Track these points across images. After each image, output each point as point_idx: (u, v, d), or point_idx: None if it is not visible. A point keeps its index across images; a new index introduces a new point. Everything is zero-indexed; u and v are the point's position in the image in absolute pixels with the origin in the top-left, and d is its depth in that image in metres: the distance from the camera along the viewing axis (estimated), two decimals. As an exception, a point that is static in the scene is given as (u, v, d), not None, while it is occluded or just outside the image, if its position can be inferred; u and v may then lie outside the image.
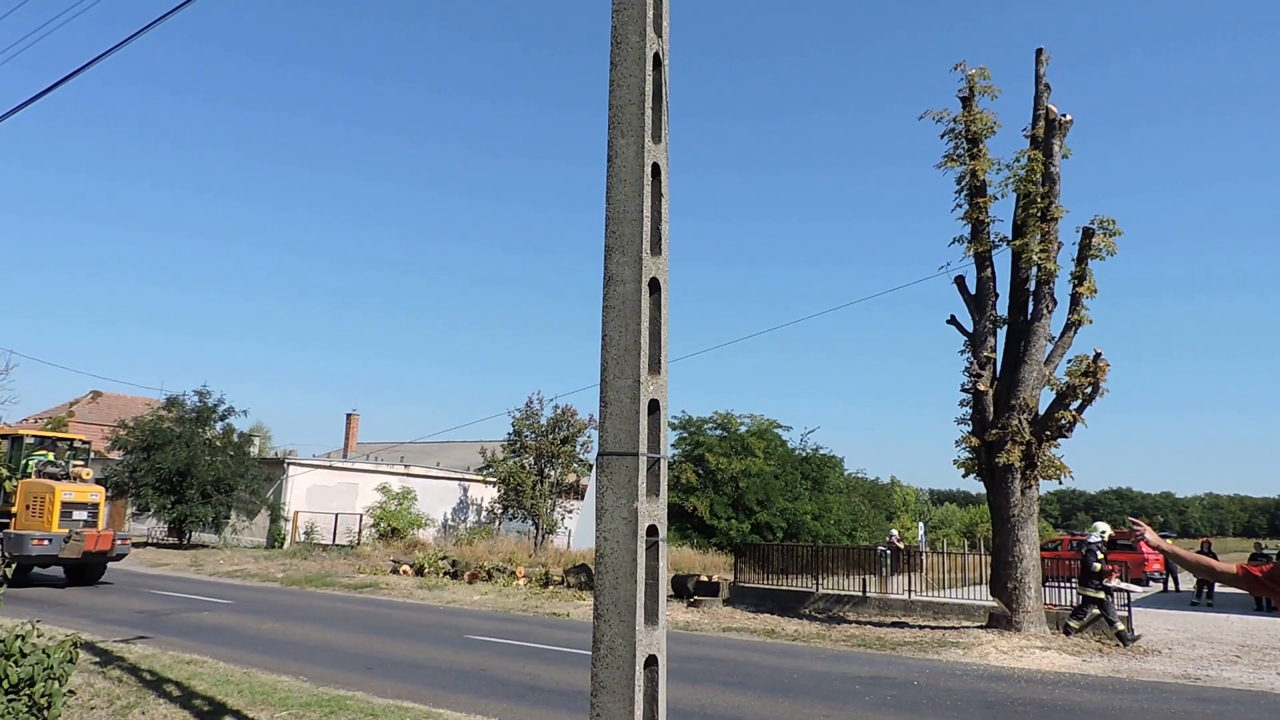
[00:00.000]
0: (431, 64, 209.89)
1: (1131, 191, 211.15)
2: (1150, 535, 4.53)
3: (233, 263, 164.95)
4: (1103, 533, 17.46)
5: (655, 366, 4.48)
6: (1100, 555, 16.61)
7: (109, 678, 9.95)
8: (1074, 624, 16.52)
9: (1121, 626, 16.08)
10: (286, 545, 36.20)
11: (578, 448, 38.39)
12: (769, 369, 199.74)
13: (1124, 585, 16.64)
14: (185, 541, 36.17)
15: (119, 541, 21.90)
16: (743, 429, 44.79)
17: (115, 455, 36.62)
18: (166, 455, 33.44)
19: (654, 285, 4.50)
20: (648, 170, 4.43)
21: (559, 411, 38.27)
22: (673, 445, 44.75)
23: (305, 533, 37.05)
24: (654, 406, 4.47)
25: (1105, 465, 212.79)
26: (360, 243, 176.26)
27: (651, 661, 4.40)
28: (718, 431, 44.91)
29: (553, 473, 38.09)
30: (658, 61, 4.62)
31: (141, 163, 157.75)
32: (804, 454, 46.65)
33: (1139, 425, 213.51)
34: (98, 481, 24.18)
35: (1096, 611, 16.32)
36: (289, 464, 38.97)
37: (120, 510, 42.55)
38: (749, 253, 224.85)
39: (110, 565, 23.08)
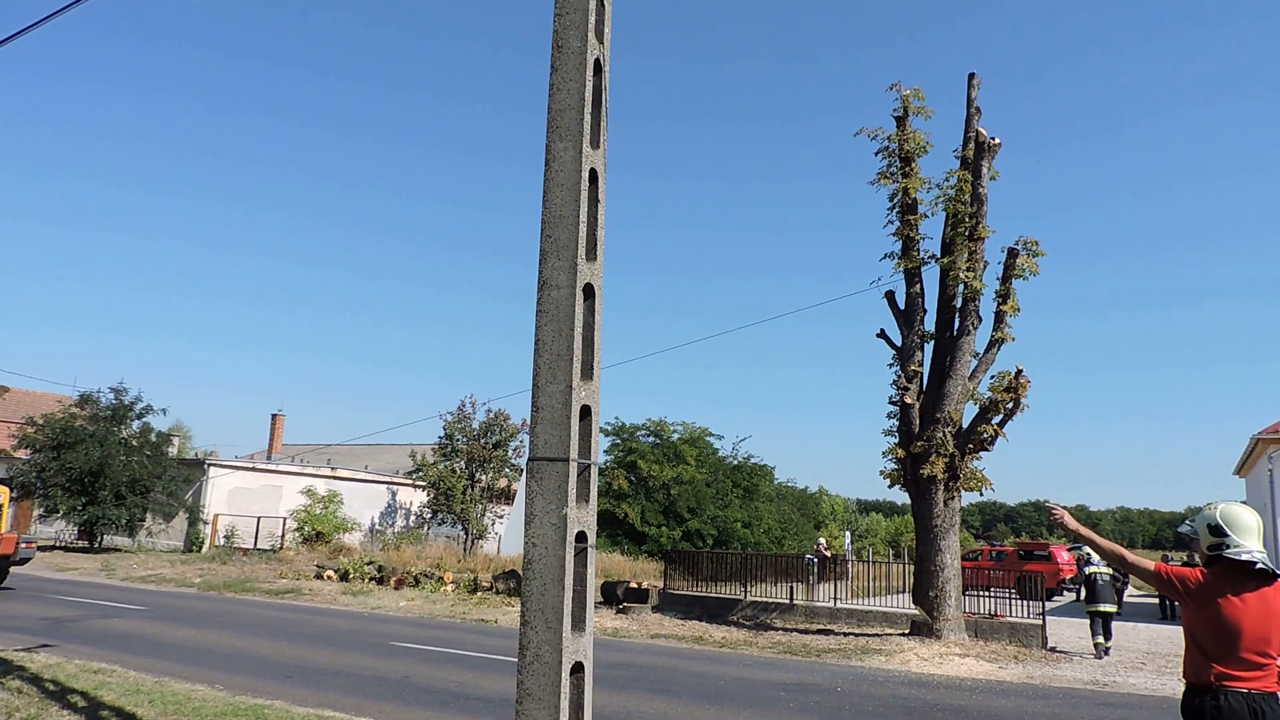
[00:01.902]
0: (369, 59, 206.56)
1: (1044, 209, 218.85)
2: (1069, 519, 4.70)
3: (153, 258, 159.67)
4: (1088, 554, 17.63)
5: (588, 372, 4.47)
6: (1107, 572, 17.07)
7: (8, 689, 9.51)
8: (1105, 641, 16.55)
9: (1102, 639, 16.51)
10: (205, 549, 35.09)
11: (510, 453, 38.13)
12: (702, 378, 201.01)
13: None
14: (97, 545, 34.76)
15: (23, 545, 20.96)
16: (675, 436, 45.02)
17: (23, 454, 35.03)
18: (78, 454, 32.07)
19: (588, 291, 4.50)
20: (585, 175, 4.43)
21: (491, 416, 37.99)
22: (605, 452, 44.74)
23: (225, 536, 35.99)
24: (586, 412, 4.47)
25: (1024, 478, 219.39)
26: (285, 238, 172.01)
27: (578, 668, 4.38)
28: (650, 439, 45.06)
29: (484, 477, 37.75)
30: (598, 67, 4.63)
31: (51, 156, 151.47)
32: (735, 462, 47.08)
33: (1056, 439, 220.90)
34: (1, 481, 23.10)
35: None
36: (209, 465, 37.80)
37: (26, 512, 40.77)
38: (682, 263, 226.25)
39: (13, 570, 22.05)
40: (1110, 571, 17.17)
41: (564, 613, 4.20)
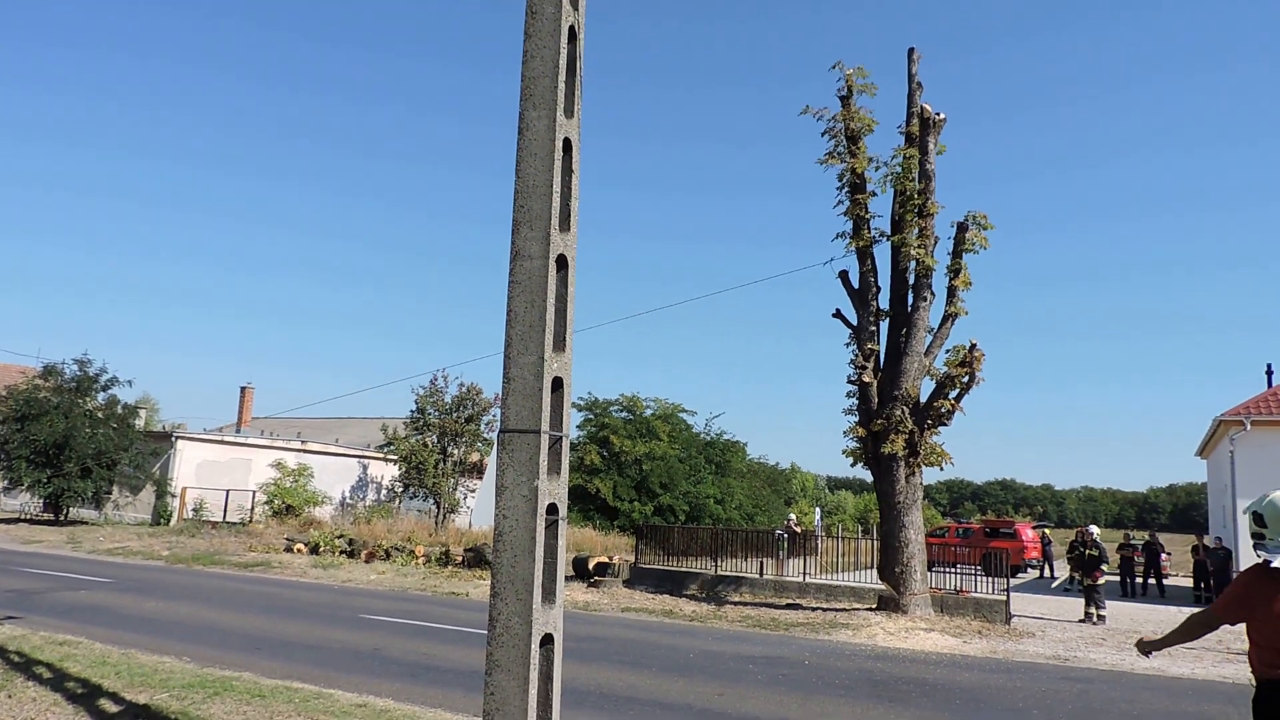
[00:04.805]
0: (341, 18, 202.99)
1: (1006, 180, 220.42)
2: (1149, 642, 4.62)
3: (119, 223, 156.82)
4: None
5: (560, 344, 4.45)
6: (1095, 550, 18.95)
7: (-29, 658, 9.40)
8: (1101, 611, 18.35)
9: (1104, 610, 18.46)
10: (173, 522, 34.78)
11: (483, 427, 38.02)
12: (675, 353, 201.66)
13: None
14: (62, 518, 34.34)
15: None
16: (648, 412, 45.06)
17: (-15, 425, 34.42)
18: (43, 426, 31.57)
19: (561, 262, 4.47)
20: (559, 145, 4.38)
21: (464, 389, 37.81)
22: (578, 426, 44.75)
23: (194, 509, 35.67)
24: (558, 384, 4.45)
25: (991, 457, 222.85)
26: (254, 204, 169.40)
27: (548, 640, 4.39)
28: (623, 414, 45.06)
29: (456, 451, 37.64)
30: (573, 34, 4.57)
31: (6, 114, 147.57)
32: (708, 438, 47.24)
33: (1022, 419, 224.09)
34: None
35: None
36: (177, 437, 37.37)
37: (-10, 483, 40.15)
38: (657, 229, 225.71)
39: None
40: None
41: (534, 585, 4.20)
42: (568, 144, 4.52)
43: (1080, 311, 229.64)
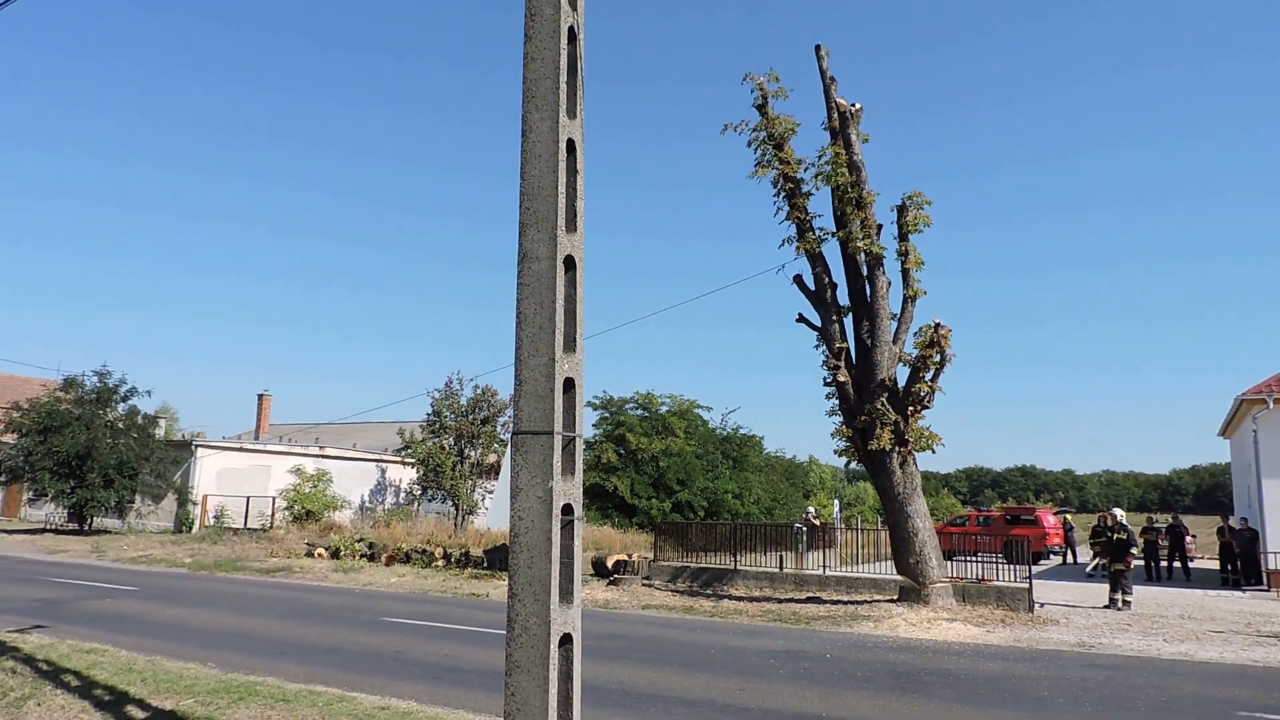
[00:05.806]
0: (348, 23, 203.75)
1: (1020, 164, 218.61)
2: None
3: (133, 231, 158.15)
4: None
5: (570, 345, 4.45)
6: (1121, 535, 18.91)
7: (2, 669, 9.53)
8: (1127, 597, 18.19)
9: (1130, 596, 18.27)
10: (195, 530, 35.08)
11: (498, 428, 38.14)
12: (690, 350, 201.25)
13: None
14: (86, 527, 34.73)
15: None
16: (664, 409, 45.06)
17: (9, 438, 34.88)
18: (65, 438, 31.97)
19: (569, 263, 4.47)
20: (562, 146, 4.38)
21: (479, 392, 37.97)
22: (593, 425, 44.83)
23: (215, 517, 35.97)
24: (569, 385, 4.45)
25: (1011, 444, 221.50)
26: (270, 211, 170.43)
27: (566, 640, 4.40)
28: (639, 411, 45.10)
29: (473, 453, 37.77)
30: (573, 35, 4.56)
31: (21, 124, 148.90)
32: (725, 433, 47.18)
33: (1042, 404, 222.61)
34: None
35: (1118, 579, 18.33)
36: (197, 446, 37.69)
37: (14, 495, 40.73)
38: (660, 227, 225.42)
39: (3, 553, 22.00)
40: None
41: (551, 585, 4.21)
42: (571, 145, 4.51)
43: (1098, 295, 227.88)
